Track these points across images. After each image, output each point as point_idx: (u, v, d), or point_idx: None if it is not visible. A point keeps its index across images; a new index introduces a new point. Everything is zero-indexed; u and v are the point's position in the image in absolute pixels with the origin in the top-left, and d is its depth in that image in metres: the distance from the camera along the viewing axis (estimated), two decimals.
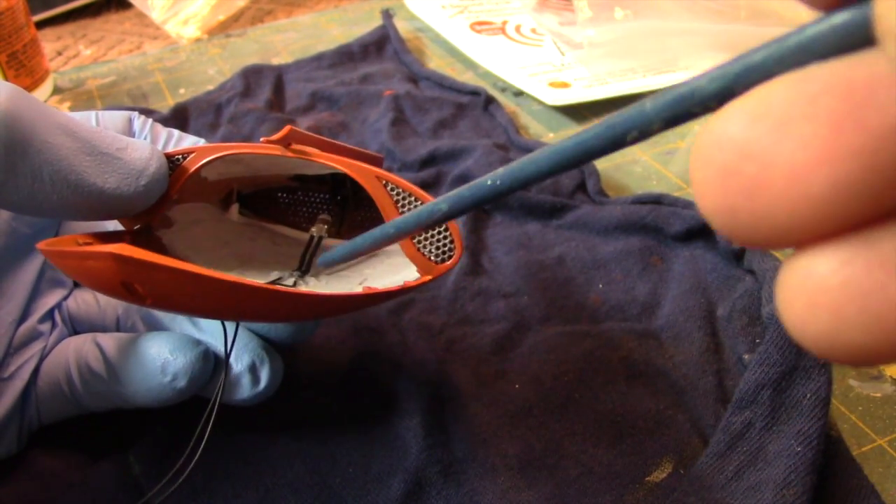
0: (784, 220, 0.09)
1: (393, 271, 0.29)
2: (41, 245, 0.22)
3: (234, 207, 0.30)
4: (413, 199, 0.25)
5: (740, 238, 0.10)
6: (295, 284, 0.28)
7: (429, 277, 0.26)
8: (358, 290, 0.28)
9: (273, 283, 0.28)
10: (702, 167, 0.10)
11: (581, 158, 0.13)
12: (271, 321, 0.26)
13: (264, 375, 0.26)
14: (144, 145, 0.24)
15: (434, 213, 0.17)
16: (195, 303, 0.21)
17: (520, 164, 0.14)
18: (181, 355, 0.25)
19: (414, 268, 0.26)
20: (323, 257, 0.27)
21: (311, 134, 0.26)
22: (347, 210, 0.31)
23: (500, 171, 0.15)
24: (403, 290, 0.25)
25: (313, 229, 0.30)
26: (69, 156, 0.22)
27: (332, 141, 0.27)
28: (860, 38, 0.09)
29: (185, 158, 0.25)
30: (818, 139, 0.09)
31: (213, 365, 0.26)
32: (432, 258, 0.26)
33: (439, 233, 0.26)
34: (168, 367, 0.25)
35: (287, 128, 0.25)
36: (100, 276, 0.19)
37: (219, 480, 0.27)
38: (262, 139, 0.25)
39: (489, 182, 0.15)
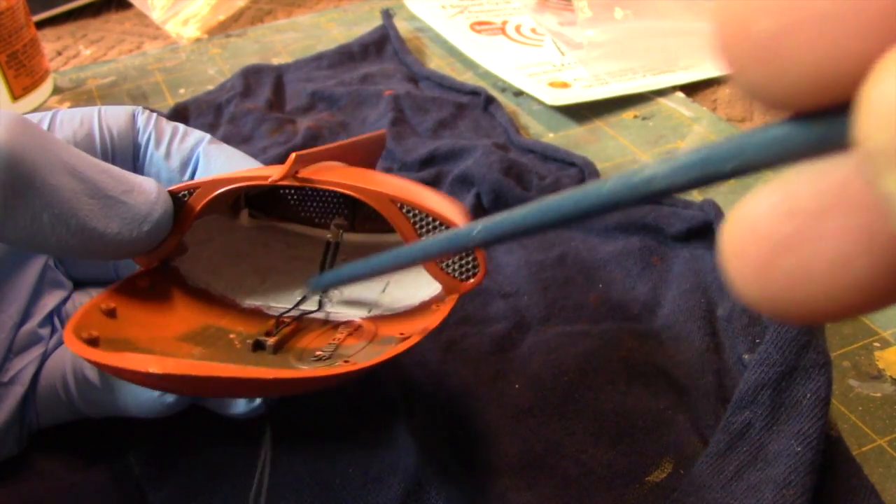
0: (826, 305, 0.09)
1: (414, 271, 0.28)
2: (72, 347, 0.21)
3: (244, 213, 0.30)
4: (430, 220, 0.24)
5: (784, 321, 0.10)
6: (320, 304, 0.28)
7: (455, 297, 0.25)
8: (379, 295, 0.28)
9: (298, 304, 0.28)
10: (736, 258, 0.10)
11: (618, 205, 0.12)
12: (301, 393, 0.26)
13: None
14: (151, 187, 0.23)
15: (466, 240, 0.16)
16: (228, 393, 0.23)
17: (567, 198, 0.13)
18: None
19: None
20: (331, 276, 0.26)
21: (314, 150, 0.25)
22: (359, 202, 0.30)
23: (540, 204, 0.14)
24: (432, 330, 0.24)
25: (328, 235, 0.29)
26: (71, 198, 0.21)
27: (335, 145, 0.27)
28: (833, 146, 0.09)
29: (190, 194, 0.25)
30: (856, 231, 0.09)
31: None
32: (456, 275, 0.25)
33: None
34: None
35: (291, 158, 0.24)
36: (140, 383, 0.21)
37: (219, 480, 0.27)
38: (270, 179, 0.24)
39: (528, 213, 0.14)
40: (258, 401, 0.26)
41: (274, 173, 0.24)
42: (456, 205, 0.28)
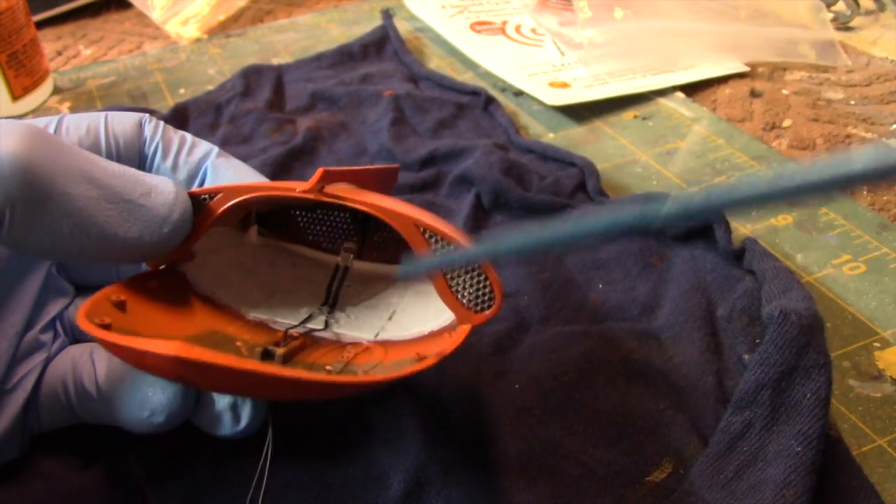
0: None
1: (422, 302, 0.28)
2: (88, 329, 0.21)
3: (253, 229, 0.29)
4: (451, 246, 0.24)
5: None
6: (326, 324, 0.28)
7: (468, 327, 0.24)
8: (387, 322, 0.28)
9: (304, 321, 0.28)
10: None
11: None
12: (312, 400, 0.26)
13: (245, 414, 0.25)
14: (169, 188, 0.23)
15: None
16: (243, 390, 0.22)
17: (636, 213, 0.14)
18: (160, 391, 0.24)
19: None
20: (408, 268, 0.25)
21: (341, 168, 0.25)
22: (368, 230, 0.30)
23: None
24: (448, 354, 0.23)
25: (339, 259, 0.29)
26: (90, 206, 0.21)
27: (356, 168, 0.26)
28: None
29: (211, 198, 0.24)
30: None
31: (193, 401, 0.25)
32: (470, 306, 0.24)
33: (477, 278, 0.24)
34: (146, 403, 0.25)
35: (320, 171, 0.23)
36: (157, 369, 0.19)
37: (220, 482, 0.27)
38: (297, 190, 0.23)
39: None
40: (243, 423, 0.25)
41: (299, 187, 0.23)
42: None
